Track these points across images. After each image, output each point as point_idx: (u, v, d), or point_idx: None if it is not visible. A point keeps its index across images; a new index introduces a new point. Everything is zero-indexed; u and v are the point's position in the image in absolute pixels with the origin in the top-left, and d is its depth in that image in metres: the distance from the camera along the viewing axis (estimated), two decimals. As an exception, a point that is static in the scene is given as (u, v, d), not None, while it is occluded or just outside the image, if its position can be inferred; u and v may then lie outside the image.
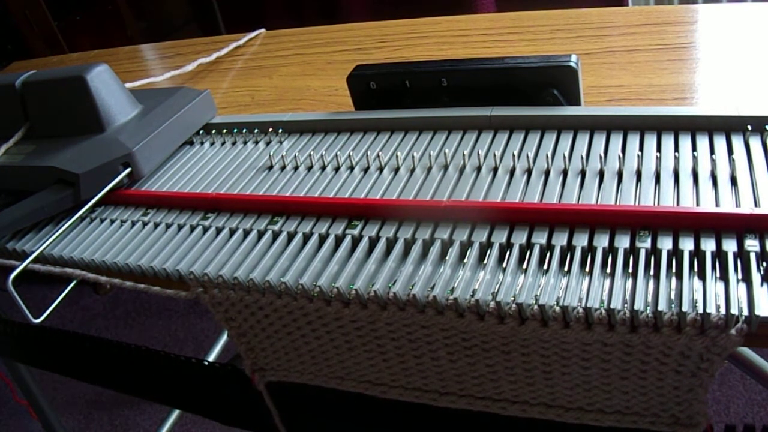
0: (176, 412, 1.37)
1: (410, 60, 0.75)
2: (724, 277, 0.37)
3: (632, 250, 0.40)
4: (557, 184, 0.47)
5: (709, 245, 0.39)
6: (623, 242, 0.40)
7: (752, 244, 0.38)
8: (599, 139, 0.51)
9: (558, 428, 0.46)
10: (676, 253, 0.39)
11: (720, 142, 0.47)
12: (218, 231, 0.51)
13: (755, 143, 0.46)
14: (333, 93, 0.73)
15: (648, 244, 0.40)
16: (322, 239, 0.47)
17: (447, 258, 0.43)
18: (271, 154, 0.58)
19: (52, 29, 2.01)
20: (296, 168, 0.57)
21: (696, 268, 0.38)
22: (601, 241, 0.41)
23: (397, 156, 0.54)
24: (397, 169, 0.53)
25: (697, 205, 0.42)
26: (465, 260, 0.43)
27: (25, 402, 1.25)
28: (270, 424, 0.60)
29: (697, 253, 0.39)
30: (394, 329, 0.43)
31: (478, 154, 0.51)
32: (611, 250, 0.41)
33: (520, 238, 0.43)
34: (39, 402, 1.25)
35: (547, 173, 0.48)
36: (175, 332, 1.82)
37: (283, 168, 0.57)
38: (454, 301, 0.40)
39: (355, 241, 0.46)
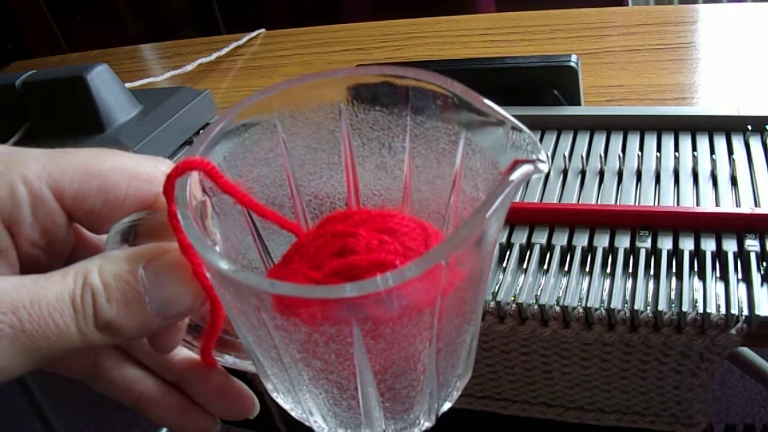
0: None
1: (410, 60, 0.75)
2: (724, 277, 0.37)
3: (632, 250, 0.40)
4: (557, 184, 0.47)
5: (709, 245, 0.39)
6: (623, 242, 0.40)
7: (752, 244, 0.38)
8: (599, 139, 0.51)
9: (558, 427, 0.46)
10: (676, 253, 0.39)
11: (720, 142, 0.47)
12: (218, 231, 0.51)
13: (755, 143, 0.46)
14: (333, 93, 0.73)
15: (648, 244, 0.40)
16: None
17: (447, 258, 0.43)
18: (271, 154, 0.58)
19: (52, 29, 2.01)
20: (296, 168, 0.56)
21: (696, 268, 0.38)
22: (601, 241, 0.41)
23: (397, 156, 0.53)
24: (397, 169, 0.53)
25: (697, 205, 0.42)
26: (465, 260, 0.42)
27: (25, 402, 1.25)
28: (271, 424, 0.60)
29: (697, 253, 0.39)
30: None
31: (478, 154, 0.51)
32: (611, 250, 0.41)
33: (520, 238, 0.43)
34: (39, 402, 1.25)
35: (547, 173, 0.48)
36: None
37: (283, 168, 0.57)
38: (454, 300, 0.40)
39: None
